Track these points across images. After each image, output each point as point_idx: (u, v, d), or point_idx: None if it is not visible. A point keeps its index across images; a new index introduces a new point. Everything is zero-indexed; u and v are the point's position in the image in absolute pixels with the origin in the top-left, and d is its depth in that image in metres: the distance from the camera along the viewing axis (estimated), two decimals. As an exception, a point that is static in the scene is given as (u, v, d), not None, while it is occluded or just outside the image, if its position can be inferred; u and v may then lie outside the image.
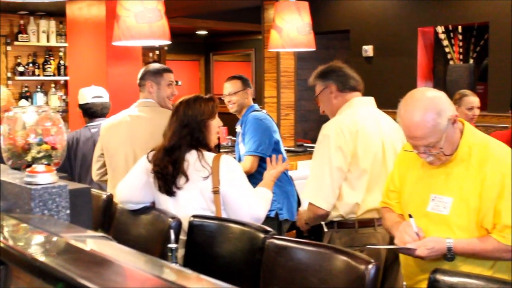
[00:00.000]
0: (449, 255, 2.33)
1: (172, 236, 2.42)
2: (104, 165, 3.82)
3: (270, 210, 4.11)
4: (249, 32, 9.58)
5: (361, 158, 3.02)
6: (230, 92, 4.22)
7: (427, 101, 2.36)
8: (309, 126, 9.47)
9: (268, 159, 3.49)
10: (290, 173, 5.29)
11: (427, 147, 2.37)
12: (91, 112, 4.50)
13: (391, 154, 3.04)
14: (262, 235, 2.64)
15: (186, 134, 3.00)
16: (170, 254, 2.35)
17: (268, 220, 4.07)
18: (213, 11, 8.65)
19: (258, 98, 7.28)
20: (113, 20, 3.91)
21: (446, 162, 2.43)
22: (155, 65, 4.02)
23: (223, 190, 2.95)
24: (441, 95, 2.42)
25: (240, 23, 9.60)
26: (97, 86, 4.64)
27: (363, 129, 3.04)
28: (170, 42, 4.04)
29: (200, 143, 3.03)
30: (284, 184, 4.23)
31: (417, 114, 2.34)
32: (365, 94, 3.27)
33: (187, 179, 2.95)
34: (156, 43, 4.18)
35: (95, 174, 3.88)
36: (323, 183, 3.02)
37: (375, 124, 3.10)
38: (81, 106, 4.53)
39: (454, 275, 2.11)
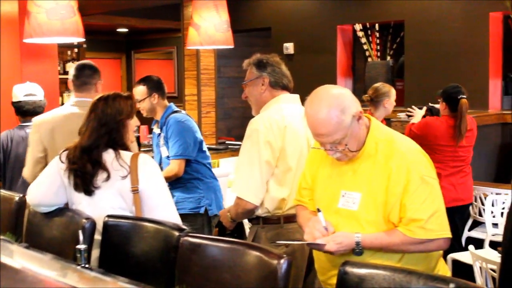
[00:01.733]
0: (358, 249, 2.37)
1: (81, 237, 2.37)
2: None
3: (199, 207, 4.13)
4: (170, 30, 9.50)
5: (288, 154, 3.04)
6: (137, 99, 4.16)
7: (331, 99, 2.38)
8: (232, 123, 9.48)
9: None
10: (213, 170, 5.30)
11: (333, 144, 2.39)
12: (23, 111, 4.35)
13: None
14: (176, 233, 2.62)
15: (104, 133, 2.94)
16: (79, 255, 2.30)
17: (197, 216, 4.09)
18: (133, 8, 8.53)
19: (180, 96, 7.24)
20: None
21: (354, 159, 2.46)
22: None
23: (142, 188, 2.91)
24: (345, 92, 2.44)
25: (161, 21, 9.52)
26: (32, 83, 4.48)
27: (291, 126, 3.06)
28: (84, 40, 3.95)
29: (117, 142, 2.98)
30: (210, 180, 4.24)
31: (321, 112, 2.36)
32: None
33: (109, 176, 2.89)
34: (70, 40, 4.08)
35: (31, 175, 3.67)
36: (253, 177, 3.02)
37: (301, 121, 3.13)
38: (13, 104, 4.38)
39: (362, 267, 2.15)
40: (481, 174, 5.11)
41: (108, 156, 2.93)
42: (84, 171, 2.91)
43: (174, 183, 4.13)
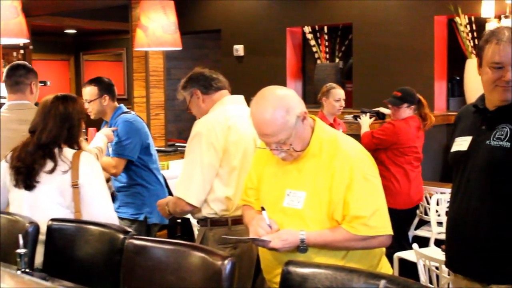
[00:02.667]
0: (302, 246, 2.39)
1: (21, 241, 2.33)
2: None
3: (139, 214, 4.08)
4: (119, 31, 9.42)
5: (232, 154, 3.07)
6: (86, 99, 4.11)
7: (276, 100, 2.42)
8: (183, 125, 9.45)
9: None
10: (162, 172, 5.26)
11: (278, 144, 2.42)
12: None
13: None
14: (121, 236, 2.61)
15: (65, 130, 3.02)
16: (19, 259, 2.27)
17: (137, 223, 4.03)
18: (81, 9, 8.42)
19: (129, 98, 7.18)
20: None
21: (299, 158, 2.50)
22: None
23: (82, 183, 2.93)
24: (290, 93, 2.48)
25: (110, 22, 9.42)
26: None
27: (235, 126, 3.08)
28: (28, 41, 3.90)
29: (75, 140, 3.07)
30: (154, 186, 4.19)
31: (266, 112, 2.39)
32: (237, 93, 3.32)
33: (53, 169, 2.92)
34: (14, 41, 4.01)
35: None
36: (194, 179, 3.04)
37: (247, 121, 3.15)
38: None
39: (305, 266, 2.18)
40: (427, 174, 5.22)
41: (55, 151, 2.99)
42: (32, 166, 2.95)
43: (119, 186, 4.11)
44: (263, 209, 2.49)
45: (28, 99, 3.75)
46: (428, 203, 5.12)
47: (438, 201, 4.92)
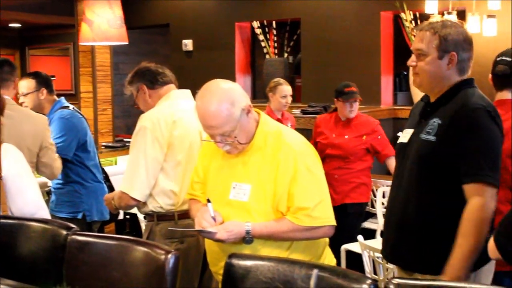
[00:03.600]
0: (248, 237, 2.42)
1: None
2: None
3: (76, 212, 4.04)
4: (65, 26, 9.26)
5: (177, 148, 3.07)
6: (22, 92, 4.04)
7: (221, 92, 2.45)
8: (132, 121, 9.31)
9: None
10: (110, 168, 5.21)
11: (222, 136, 2.45)
12: None
13: None
14: (64, 232, 2.57)
15: None
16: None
17: (75, 221, 3.91)
18: (26, 3, 8.25)
19: (77, 94, 7.08)
20: None
21: (244, 151, 2.52)
22: None
23: (5, 175, 2.86)
24: (235, 87, 2.52)
25: (56, 16, 9.25)
26: None
27: (180, 120, 3.08)
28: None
29: None
30: (92, 184, 4.14)
31: (212, 104, 2.42)
32: (186, 87, 3.32)
33: None
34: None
35: None
36: (138, 174, 3.03)
37: (193, 115, 3.14)
38: None
39: (248, 258, 2.20)
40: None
41: None
42: None
43: (54, 185, 4.06)
44: (208, 201, 2.51)
45: (10, 95, 3.72)
46: (375, 195, 5.20)
47: (384, 193, 5.01)
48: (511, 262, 2.02)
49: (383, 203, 5.02)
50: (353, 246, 4.56)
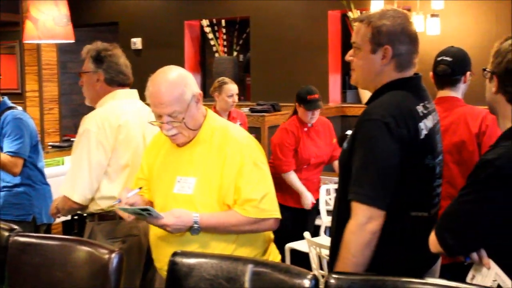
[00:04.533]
0: (195, 226, 2.41)
1: None
2: None
3: (26, 214, 3.96)
4: (11, 23, 9.05)
5: (121, 153, 3.02)
6: None
7: (175, 73, 2.49)
8: (80, 120, 9.21)
9: None
10: (57, 168, 5.13)
11: (170, 117, 2.45)
12: None
13: None
14: (6, 233, 2.54)
15: None
16: None
17: (24, 224, 3.84)
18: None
19: (23, 93, 6.95)
20: None
21: (189, 145, 2.54)
22: None
23: None
24: (188, 74, 2.54)
25: (0, 14, 9.04)
26: None
27: (126, 123, 3.03)
28: None
29: None
30: (41, 186, 4.07)
31: (165, 81, 2.45)
32: (135, 86, 3.25)
33: None
34: None
35: None
36: (81, 177, 2.98)
37: (138, 117, 3.12)
38: None
39: (192, 256, 2.21)
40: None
41: None
42: None
43: (2, 186, 3.98)
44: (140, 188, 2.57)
45: None
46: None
47: (328, 191, 5.05)
48: (452, 255, 2.05)
49: (326, 201, 5.04)
50: (297, 245, 4.57)
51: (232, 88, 5.37)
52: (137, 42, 8.46)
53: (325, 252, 3.65)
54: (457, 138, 3.12)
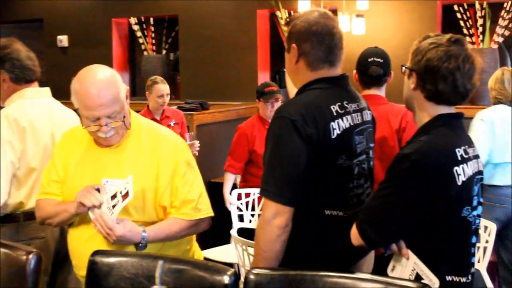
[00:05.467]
0: (142, 243, 2.34)
1: None
2: None
3: None
4: None
5: (30, 155, 2.89)
6: None
7: (107, 72, 2.39)
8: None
9: None
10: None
11: (109, 118, 2.35)
12: None
13: None
14: None
15: None
16: None
17: None
18: None
19: None
20: None
21: (116, 145, 2.44)
22: None
23: None
24: (115, 71, 2.46)
25: None
26: None
27: (32, 125, 2.90)
28: None
29: None
30: None
31: (99, 82, 2.33)
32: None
33: None
34: None
35: None
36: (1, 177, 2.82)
37: (47, 116, 2.99)
38: None
39: (111, 255, 2.18)
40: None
41: None
42: None
43: None
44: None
45: None
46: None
47: (239, 195, 4.99)
48: (374, 248, 2.14)
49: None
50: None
51: (162, 88, 5.27)
52: (63, 40, 8.29)
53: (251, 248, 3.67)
54: (379, 134, 3.20)
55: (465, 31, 6.44)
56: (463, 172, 1.97)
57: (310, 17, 2.24)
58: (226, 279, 1.97)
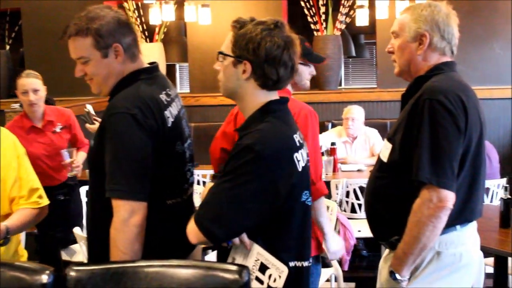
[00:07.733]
0: (7, 237, 2.38)
1: None
2: None
3: None
4: None
5: None
6: None
7: None
8: None
9: None
10: None
11: None
12: None
13: None
14: None
15: None
16: None
17: None
18: None
19: None
20: None
21: None
22: None
23: None
24: None
25: None
26: None
27: None
28: None
29: None
30: None
31: None
32: None
33: None
34: None
35: None
36: None
37: None
38: None
39: None
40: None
41: None
42: None
43: None
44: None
45: None
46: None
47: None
48: (219, 243, 2.04)
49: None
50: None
51: (26, 83, 4.25)
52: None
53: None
54: None
55: (309, 18, 6.65)
56: (302, 158, 1.97)
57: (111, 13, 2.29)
58: (44, 279, 1.89)
